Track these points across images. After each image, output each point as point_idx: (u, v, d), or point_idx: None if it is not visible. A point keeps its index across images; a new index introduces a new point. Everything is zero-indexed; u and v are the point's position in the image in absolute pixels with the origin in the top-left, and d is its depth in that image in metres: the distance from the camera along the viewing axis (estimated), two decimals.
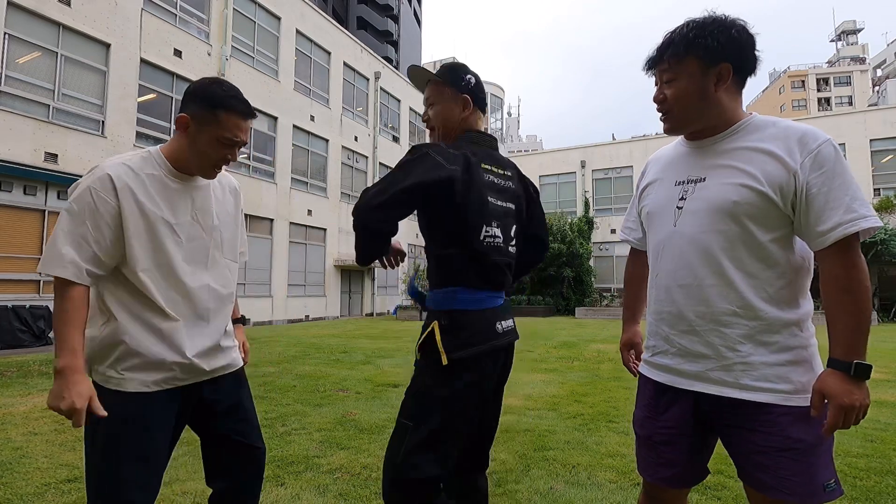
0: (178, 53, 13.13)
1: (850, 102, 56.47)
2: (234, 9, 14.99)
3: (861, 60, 62.83)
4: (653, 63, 1.29)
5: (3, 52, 9.58)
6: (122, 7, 11.75)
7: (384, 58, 30.37)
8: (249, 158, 15.53)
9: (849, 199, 1.10)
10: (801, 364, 1.17)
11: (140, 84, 12.11)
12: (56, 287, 1.29)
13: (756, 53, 1.22)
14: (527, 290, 21.76)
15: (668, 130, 1.32)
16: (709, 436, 1.31)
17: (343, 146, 19.59)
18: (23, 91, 9.92)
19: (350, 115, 20.10)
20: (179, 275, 1.41)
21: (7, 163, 9.34)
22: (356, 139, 20.28)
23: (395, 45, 44.86)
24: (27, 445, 3.27)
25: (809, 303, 1.22)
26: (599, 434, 3.61)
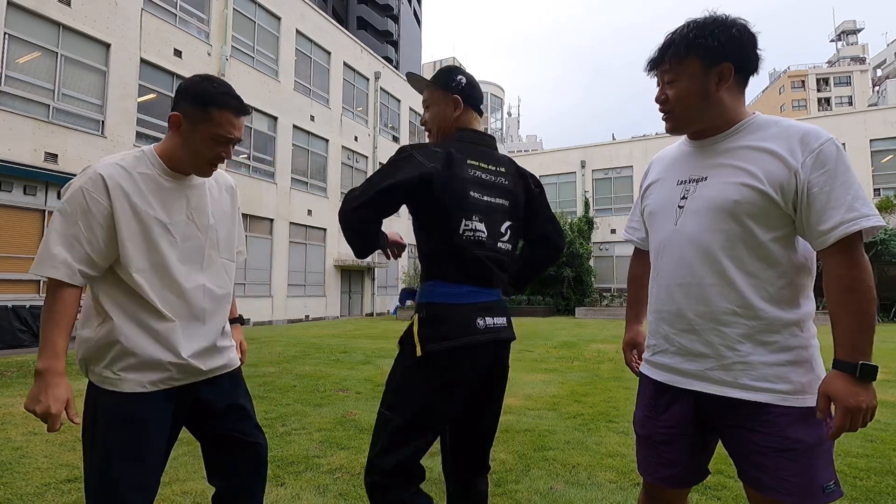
0: (178, 53, 13.13)
1: (850, 102, 56.47)
2: (234, 9, 14.99)
3: (861, 60, 62.83)
4: (654, 64, 1.29)
5: (3, 52, 9.58)
6: (122, 7, 11.75)
7: (384, 58, 30.37)
8: (249, 158, 15.52)
9: (850, 198, 1.09)
10: (801, 364, 1.16)
11: (140, 84, 12.11)
12: (48, 288, 1.28)
13: (758, 52, 1.22)
14: (527, 290, 21.74)
15: (671, 130, 1.32)
16: (709, 436, 1.31)
17: (343, 146, 19.59)
18: (23, 91, 9.91)
19: (350, 115, 20.11)
20: (174, 275, 1.40)
21: (7, 163, 9.34)
22: (356, 139, 20.28)
23: (395, 45, 44.86)
24: (27, 445, 3.27)
25: (811, 303, 1.22)
26: (599, 434, 3.61)
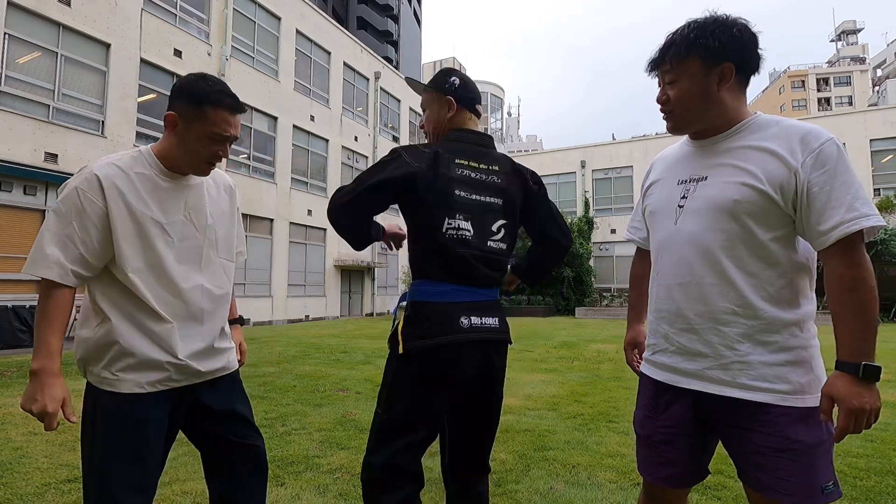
0: (178, 53, 13.13)
1: (850, 102, 56.46)
2: (234, 9, 15.00)
3: (861, 60, 62.82)
4: (655, 64, 1.29)
5: (3, 52, 9.58)
6: (122, 7, 11.75)
7: (384, 58, 30.35)
8: (249, 158, 15.53)
9: (851, 198, 1.08)
10: (801, 365, 1.16)
11: (140, 84, 12.11)
12: (41, 288, 1.28)
13: (759, 52, 1.22)
14: (527, 290, 21.77)
15: (672, 130, 1.33)
16: (709, 435, 1.31)
17: (343, 146, 19.60)
18: (23, 91, 9.92)
19: (350, 115, 20.11)
20: (171, 275, 1.38)
21: (7, 163, 9.34)
22: (356, 139, 20.29)
23: (395, 45, 44.85)
24: (27, 445, 3.27)
25: (811, 303, 1.21)
26: (599, 434, 3.61)
